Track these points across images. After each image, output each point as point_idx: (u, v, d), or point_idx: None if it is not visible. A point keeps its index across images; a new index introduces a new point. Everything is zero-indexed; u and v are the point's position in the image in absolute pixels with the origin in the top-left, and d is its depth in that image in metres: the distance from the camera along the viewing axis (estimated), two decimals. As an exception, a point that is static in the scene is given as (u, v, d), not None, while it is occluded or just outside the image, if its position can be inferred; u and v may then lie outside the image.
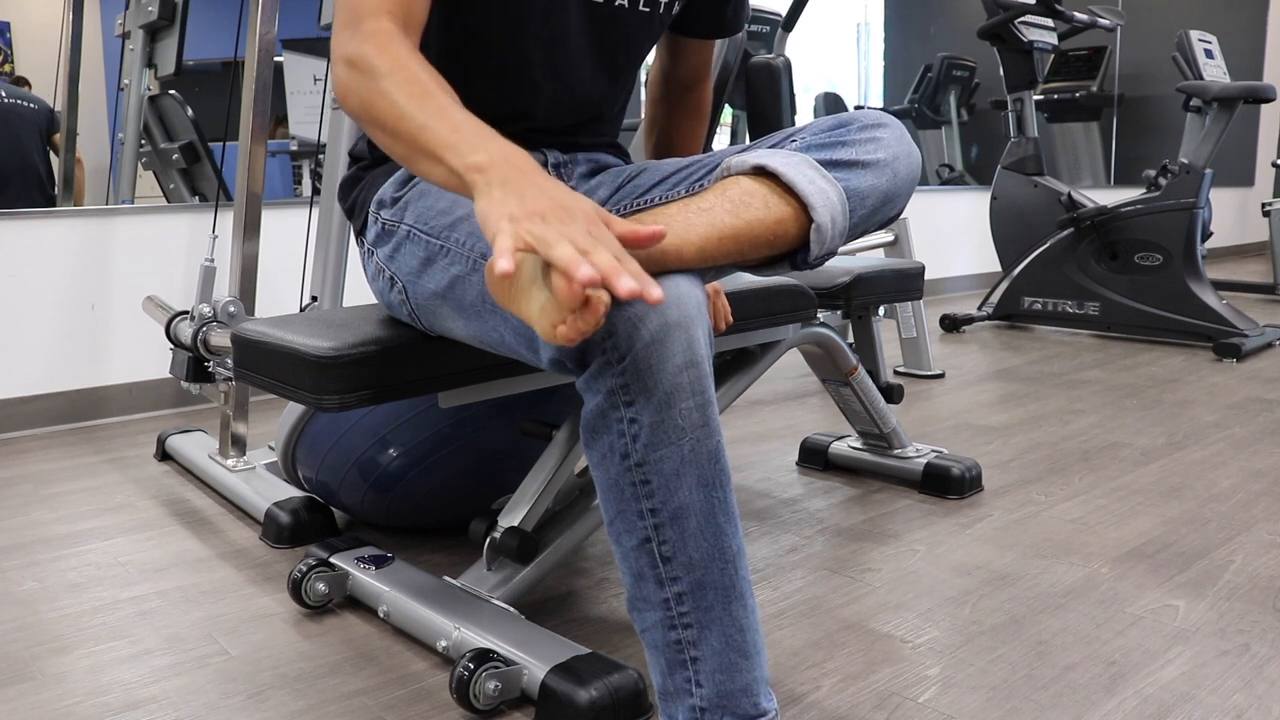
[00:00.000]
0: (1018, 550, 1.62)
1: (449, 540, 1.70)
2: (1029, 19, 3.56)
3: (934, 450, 1.97)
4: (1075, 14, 3.60)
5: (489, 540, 1.34)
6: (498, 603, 1.29)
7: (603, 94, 1.24)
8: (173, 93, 2.82)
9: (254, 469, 1.96)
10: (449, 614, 1.25)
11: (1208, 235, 3.79)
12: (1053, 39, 3.69)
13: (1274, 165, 6.20)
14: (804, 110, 4.59)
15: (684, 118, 1.40)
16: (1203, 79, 3.56)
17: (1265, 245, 7.58)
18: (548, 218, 0.76)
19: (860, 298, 1.84)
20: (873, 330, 2.03)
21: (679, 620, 0.92)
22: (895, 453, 1.98)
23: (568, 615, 1.41)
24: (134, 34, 2.78)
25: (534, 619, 1.27)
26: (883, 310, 3.05)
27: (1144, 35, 6.11)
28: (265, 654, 1.31)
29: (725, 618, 0.91)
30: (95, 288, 2.62)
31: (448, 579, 1.36)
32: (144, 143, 2.81)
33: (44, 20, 2.62)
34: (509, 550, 1.30)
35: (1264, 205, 4.99)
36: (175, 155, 2.83)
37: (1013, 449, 2.22)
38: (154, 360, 2.71)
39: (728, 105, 2.68)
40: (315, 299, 1.84)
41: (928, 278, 4.67)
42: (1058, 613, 1.38)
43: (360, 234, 1.22)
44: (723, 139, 4.08)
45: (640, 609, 0.93)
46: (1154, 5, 6.24)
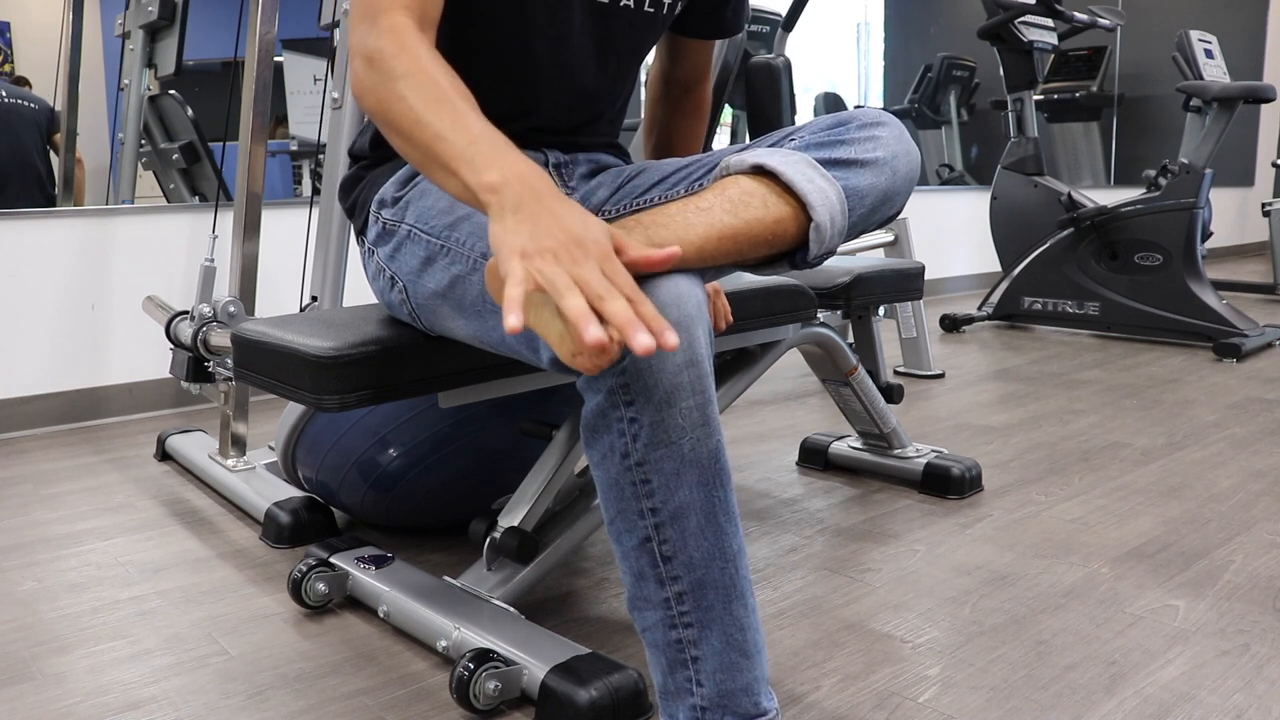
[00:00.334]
0: (1018, 550, 1.62)
1: (449, 540, 1.70)
2: (1029, 19, 3.56)
3: (934, 450, 1.97)
4: (1075, 14, 3.60)
5: (489, 540, 1.34)
6: (498, 603, 1.29)
7: (605, 93, 1.24)
8: (173, 93, 2.83)
9: (254, 469, 1.96)
10: (449, 614, 1.25)
11: (1208, 235, 3.79)
12: (1053, 39, 3.68)
13: (1274, 165, 6.20)
14: (804, 110, 4.59)
15: (683, 118, 1.40)
16: (1203, 79, 3.56)
17: (1265, 245, 7.58)
18: (560, 255, 0.76)
19: (860, 298, 1.84)
20: (873, 330, 2.04)
21: (679, 619, 0.92)
22: (895, 453, 1.98)
23: (568, 615, 1.41)
24: (134, 34, 2.78)
25: (534, 619, 1.27)
26: (883, 310, 3.05)
27: (1144, 35, 6.11)
28: (265, 654, 1.31)
29: (726, 617, 0.91)
30: (95, 288, 2.62)
31: (448, 579, 1.36)
32: (144, 143, 2.81)
33: (44, 20, 2.62)
34: (509, 550, 1.30)
35: (1264, 205, 4.99)
36: (175, 155, 2.83)
37: (1013, 449, 2.22)
38: (154, 360, 2.71)
39: (728, 105, 2.68)
40: (315, 299, 1.84)
41: (928, 278, 4.67)
42: (1058, 613, 1.38)
43: (361, 233, 1.23)
44: (723, 139, 4.08)
45: (641, 608, 0.94)
46: (1154, 5, 6.24)
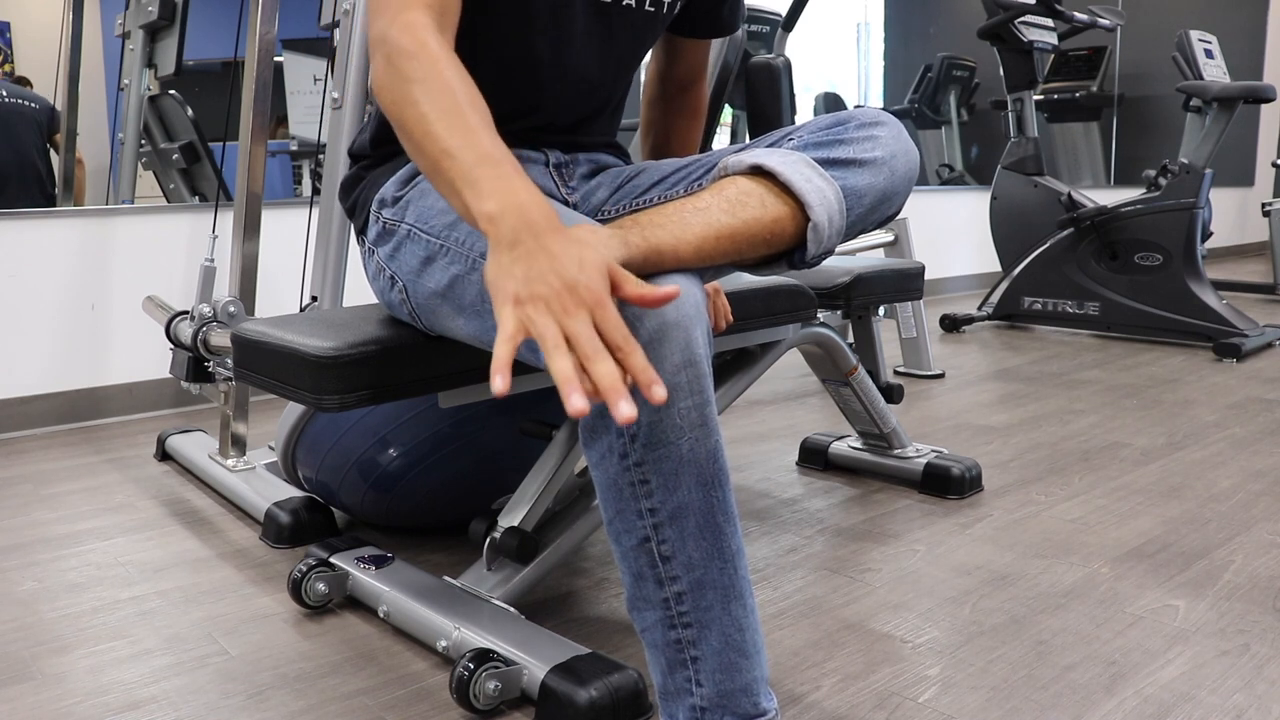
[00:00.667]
0: (1018, 550, 1.62)
1: (449, 540, 1.70)
2: (1029, 19, 3.56)
3: (934, 450, 1.97)
4: (1075, 14, 3.60)
5: (489, 540, 1.34)
6: (498, 603, 1.29)
7: (605, 92, 1.24)
8: (173, 93, 2.83)
9: (254, 469, 1.96)
10: (449, 614, 1.25)
11: (1208, 235, 3.79)
12: (1053, 39, 3.68)
13: (1274, 165, 6.20)
14: (804, 110, 4.59)
15: (680, 118, 1.40)
16: (1203, 79, 3.56)
17: (1265, 245, 7.57)
18: (552, 304, 0.76)
19: (860, 298, 1.84)
20: (873, 330, 2.03)
21: (679, 620, 0.92)
22: (895, 453, 1.98)
23: (568, 615, 1.41)
24: (134, 34, 2.78)
25: (534, 619, 1.27)
26: (883, 310, 3.05)
27: (1144, 35, 6.11)
28: (265, 654, 1.31)
29: (725, 617, 0.92)
30: (95, 288, 2.62)
31: (448, 579, 1.36)
32: (144, 143, 2.81)
33: (44, 20, 2.62)
34: (509, 550, 1.30)
35: (1264, 205, 4.99)
36: (175, 155, 2.83)
37: (1013, 449, 2.21)
38: (154, 360, 2.71)
39: (728, 105, 2.68)
40: (315, 299, 1.84)
41: (928, 278, 4.67)
42: (1058, 613, 1.38)
43: (361, 233, 1.23)
44: (723, 139, 4.08)
45: (640, 609, 0.94)
46: (1154, 5, 6.24)
